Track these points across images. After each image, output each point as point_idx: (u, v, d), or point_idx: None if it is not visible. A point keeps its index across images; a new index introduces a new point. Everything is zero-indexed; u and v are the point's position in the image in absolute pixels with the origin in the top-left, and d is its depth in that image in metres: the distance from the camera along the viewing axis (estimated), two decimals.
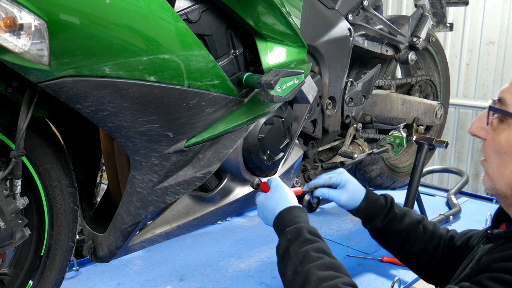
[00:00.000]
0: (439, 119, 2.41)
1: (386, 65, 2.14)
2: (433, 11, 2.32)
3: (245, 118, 1.24)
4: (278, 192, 1.14)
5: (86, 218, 1.40)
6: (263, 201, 1.16)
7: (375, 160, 2.28)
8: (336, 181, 1.26)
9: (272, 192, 1.15)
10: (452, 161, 4.25)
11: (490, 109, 0.88)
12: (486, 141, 0.90)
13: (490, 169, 0.90)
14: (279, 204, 1.11)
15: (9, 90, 1.07)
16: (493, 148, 0.88)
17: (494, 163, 0.88)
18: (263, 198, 1.16)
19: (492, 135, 0.89)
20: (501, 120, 0.87)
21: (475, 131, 0.92)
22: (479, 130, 0.92)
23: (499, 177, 0.88)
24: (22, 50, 0.85)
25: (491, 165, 0.89)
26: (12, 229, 1.07)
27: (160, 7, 0.99)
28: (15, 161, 1.05)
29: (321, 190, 1.26)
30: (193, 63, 1.07)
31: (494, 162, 0.88)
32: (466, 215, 2.50)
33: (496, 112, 0.87)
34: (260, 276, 1.81)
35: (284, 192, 1.14)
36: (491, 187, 0.91)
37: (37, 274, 1.22)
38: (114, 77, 0.95)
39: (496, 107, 0.87)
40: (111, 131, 1.07)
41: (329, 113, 1.74)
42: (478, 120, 0.93)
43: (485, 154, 0.91)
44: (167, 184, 1.20)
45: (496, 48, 3.87)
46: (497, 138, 0.87)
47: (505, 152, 0.86)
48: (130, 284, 1.74)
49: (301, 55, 1.42)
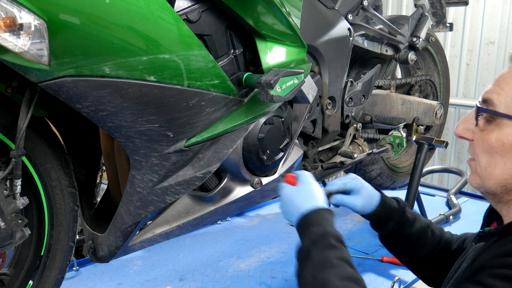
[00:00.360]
0: (439, 119, 2.41)
1: (386, 65, 2.14)
2: (433, 11, 2.32)
3: (245, 118, 1.24)
4: (308, 189, 1.08)
5: (86, 218, 1.40)
6: (290, 195, 1.08)
7: (375, 160, 2.28)
8: (350, 187, 1.22)
9: (301, 188, 1.09)
10: (452, 161, 4.24)
11: (480, 110, 0.89)
12: (474, 142, 0.91)
13: (479, 168, 0.90)
14: (307, 202, 1.04)
15: (9, 90, 1.07)
16: (482, 148, 0.89)
17: (482, 162, 0.89)
18: (290, 191, 1.09)
19: (480, 135, 0.89)
20: (488, 121, 0.88)
21: (461, 132, 0.93)
22: (465, 132, 0.93)
23: (489, 176, 0.89)
24: (22, 50, 0.85)
25: (479, 164, 0.90)
26: (12, 229, 1.07)
27: (160, 7, 0.99)
28: (15, 161, 1.05)
29: (336, 197, 1.22)
30: (193, 63, 1.07)
31: (482, 162, 0.89)
32: (466, 215, 2.50)
33: (485, 112, 0.88)
34: (260, 276, 1.81)
35: (314, 190, 1.08)
36: (480, 185, 0.92)
37: (37, 274, 1.22)
38: (114, 77, 0.95)
39: (485, 108, 0.88)
40: (111, 131, 1.07)
41: (329, 113, 1.74)
42: (463, 122, 0.93)
43: (473, 154, 0.92)
44: (167, 184, 1.20)
45: (496, 48, 3.87)
46: (486, 138, 0.88)
47: (496, 151, 0.86)
48: (130, 284, 1.74)
49: (301, 55, 1.42)
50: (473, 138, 0.92)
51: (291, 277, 1.83)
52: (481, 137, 0.89)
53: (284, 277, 1.82)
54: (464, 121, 0.94)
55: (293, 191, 1.08)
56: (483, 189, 0.91)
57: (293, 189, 1.09)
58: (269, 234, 2.25)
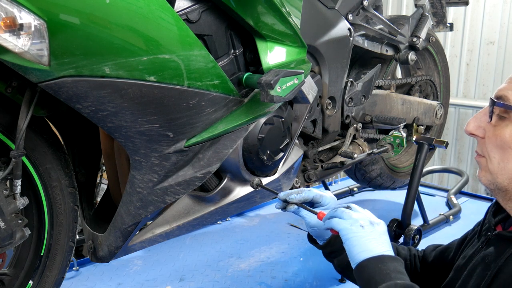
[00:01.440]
0: (439, 119, 2.41)
1: (386, 65, 2.14)
2: (433, 11, 2.32)
3: (245, 118, 1.24)
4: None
5: (86, 218, 1.40)
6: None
7: (375, 160, 2.28)
8: (318, 200, 1.08)
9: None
10: (452, 161, 4.24)
11: (496, 105, 0.90)
12: (486, 139, 0.92)
13: (490, 165, 0.91)
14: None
15: (9, 90, 1.07)
16: (495, 143, 0.89)
17: (495, 158, 0.90)
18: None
19: (492, 131, 0.90)
20: (501, 117, 0.89)
21: (473, 130, 0.94)
22: (476, 129, 0.93)
23: (502, 171, 0.89)
24: (22, 50, 0.85)
25: (491, 160, 0.90)
26: (12, 229, 1.07)
27: (160, 7, 0.99)
28: (15, 161, 1.05)
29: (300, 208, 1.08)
30: (193, 63, 1.07)
31: (495, 158, 0.90)
32: (466, 215, 2.50)
33: (502, 107, 0.89)
34: (260, 276, 1.81)
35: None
36: (490, 181, 0.92)
37: (37, 274, 1.22)
38: (114, 77, 0.95)
39: (502, 103, 0.89)
40: (111, 131, 1.07)
41: (329, 113, 1.74)
42: (474, 120, 0.94)
43: (484, 151, 0.93)
44: (167, 184, 1.20)
45: (496, 48, 3.86)
46: (500, 133, 0.89)
47: (509, 146, 0.87)
48: (130, 284, 1.75)
49: (301, 55, 1.42)
50: (484, 136, 0.92)
51: (291, 277, 1.83)
52: (494, 133, 0.90)
53: (284, 277, 1.82)
54: (475, 119, 0.94)
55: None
56: (494, 185, 0.92)
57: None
58: (269, 234, 2.25)
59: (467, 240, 1.09)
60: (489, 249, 0.92)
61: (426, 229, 2.22)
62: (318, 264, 1.92)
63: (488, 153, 0.91)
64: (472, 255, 0.98)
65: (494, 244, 0.92)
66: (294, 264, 1.93)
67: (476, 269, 0.92)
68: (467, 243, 1.08)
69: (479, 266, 0.92)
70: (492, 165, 0.90)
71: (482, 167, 0.94)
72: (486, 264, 0.90)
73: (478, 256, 0.94)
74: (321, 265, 1.90)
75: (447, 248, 1.17)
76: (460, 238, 1.15)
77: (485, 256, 0.92)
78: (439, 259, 1.16)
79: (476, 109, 3.99)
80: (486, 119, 0.92)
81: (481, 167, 0.94)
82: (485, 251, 0.93)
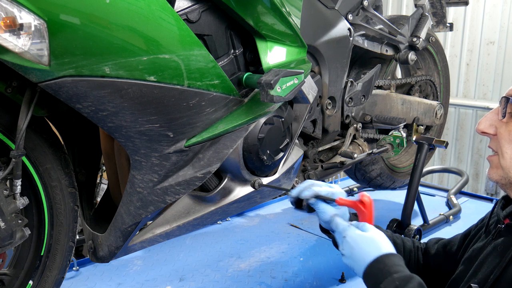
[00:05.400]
0: (439, 119, 2.41)
1: (386, 65, 2.14)
2: (433, 11, 2.32)
3: (245, 118, 1.24)
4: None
5: (86, 218, 1.40)
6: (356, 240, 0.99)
7: (375, 160, 2.28)
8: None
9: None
10: (452, 161, 4.25)
11: (509, 102, 0.95)
12: (498, 135, 0.98)
13: (502, 161, 0.96)
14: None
15: (9, 90, 1.07)
16: (508, 139, 0.95)
17: (507, 153, 0.96)
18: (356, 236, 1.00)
19: (505, 128, 0.96)
20: None
21: (485, 128, 0.99)
22: (488, 127, 0.99)
23: None
24: (22, 50, 0.85)
25: (503, 156, 0.96)
26: (12, 229, 1.07)
27: (160, 7, 0.99)
28: (15, 161, 1.05)
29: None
30: (193, 63, 1.07)
31: (507, 153, 0.96)
32: (466, 215, 2.50)
33: None
34: (260, 276, 1.81)
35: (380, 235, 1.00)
36: (502, 176, 0.97)
37: (37, 274, 1.22)
38: (114, 77, 0.95)
39: None
40: (111, 131, 1.07)
41: (329, 113, 1.74)
42: (486, 119, 1.00)
43: (496, 147, 0.99)
44: (167, 184, 1.20)
45: (496, 48, 3.87)
46: None
47: None
48: (130, 284, 1.75)
49: (301, 55, 1.42)
50: (496, 133, 0.98)
51: (291, 277, 1.83)
52: (506, 129, 0.96)
53: (284, 277, 1.82)
54: (486, 119, 1.00)
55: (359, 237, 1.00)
56: (506, 179, 0.97)
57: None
58: (269, 234, 2.25)
59: (471, 235, 1.14)
60: (499, 240, 0.97)
61: (426, 229, 2.22)
62: (318, 264, 1.92)
63: (501, 149, 0.97)
64: (482, 247, 1.02)
65: (505, 235, 0.97)
66: (294, 264, 1.93)
67: (488, 258, 0.97)
68: (472, 238, 1.13)
69: (490, 255, 0.97)
70: (505, 160, 0.96)
71: (493, 165, 1.00)
72: (499, 252, 0.96)
73: (490, 247, 0.99)
74: (321, 265, 1.90)
75: (449, 241, 1.22)
76: (463, 232, 1.20)
77: (496, 245, 0.97)
78: (442, 251, 1.21)
79: (476, 109, 4.00)
80: (497, 118, 0.98)
81: (492, 165, 1.00)
82: (495, 242, 0.98)
